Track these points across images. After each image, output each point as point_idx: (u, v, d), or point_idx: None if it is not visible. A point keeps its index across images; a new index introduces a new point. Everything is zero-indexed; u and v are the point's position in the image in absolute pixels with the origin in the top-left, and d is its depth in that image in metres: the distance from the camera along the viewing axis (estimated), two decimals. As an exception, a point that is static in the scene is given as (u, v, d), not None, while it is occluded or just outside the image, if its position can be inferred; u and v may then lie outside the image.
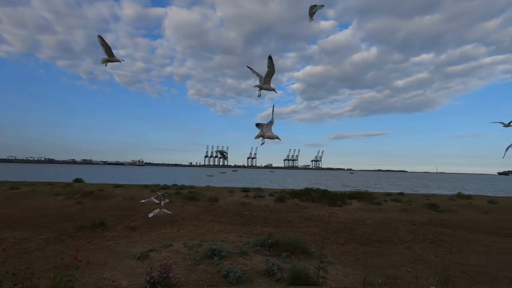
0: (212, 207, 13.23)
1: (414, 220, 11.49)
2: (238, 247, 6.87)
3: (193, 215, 11.53)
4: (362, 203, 14.67)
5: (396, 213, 12.84)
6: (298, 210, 13.16)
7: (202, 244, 7.11)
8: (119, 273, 5.13)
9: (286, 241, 6.73)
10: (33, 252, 6.69)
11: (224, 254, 6.10)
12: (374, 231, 9.65)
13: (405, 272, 5.80)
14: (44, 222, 9.79)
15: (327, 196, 15.26)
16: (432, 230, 9.95)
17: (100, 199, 14.35)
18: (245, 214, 12.13)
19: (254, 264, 5.72)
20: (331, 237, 8.77)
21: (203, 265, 5.62)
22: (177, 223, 10.21)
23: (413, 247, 8.00)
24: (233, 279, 4.70)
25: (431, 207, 13.92)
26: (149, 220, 10.09)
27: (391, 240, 8.69)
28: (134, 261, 5.89)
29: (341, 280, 5.14)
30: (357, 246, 8.00)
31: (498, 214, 12.99)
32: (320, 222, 10.84)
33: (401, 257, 6.96)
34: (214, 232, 9.16)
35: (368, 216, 12.08)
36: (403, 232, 9.71)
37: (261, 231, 9.36)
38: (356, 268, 5.89)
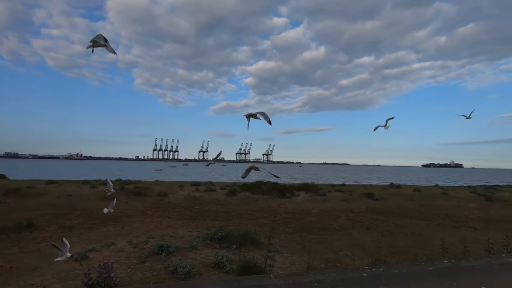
0: (160, 202, 12.71)
1: (353, 208, 12.58)
2: (188, 241, 6.74)
3: (139, 211, 10.94)
4: (309, 194, 15.53)
5: (339, 202, 13.89)
6: (249, 202, 13.39)
7: (148, 241, 6.80)
8: (52, 278, 4.64)
9: (236, 233, 6.81)
10: None
11: (173, 249, 5.93)
12: (318, 220, 10.31)
13: (344, 256, 6.33)
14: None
15: (277, 189, 15.79)
16: (368, 217, 11.01)
17: (28, 197, 12.71)
18: (196, 208, 11.92)
19: (203, 258, 5.67)
20: (280, 227, 9.12)
21: (149, 262, 5.39)
22: (121, 220, 9.59)
23: (352, 233, 8.75)
24: (181, 274, 4.60)
25: (368, 196, 15.37)
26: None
27: (333, 228, 9.38)
28: (70, 263, 5.37)
29: (288, 267, 5.40)
30: (303, 234, 8.46)
31: (421, 201, 14.94)
32: (270, 213, 11.19)
33: (341, 243, 7.57)
34: (162, 228, 8.83)
35: (314, 206, 12.85)
36: (343, 220, 10.55)
37: (212, 224, 9.30)
38: (302, 255, 6.24)
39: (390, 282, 3.38)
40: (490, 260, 4.56)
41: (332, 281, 3.31)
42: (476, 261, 4.53)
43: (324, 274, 3.52)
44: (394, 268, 4.02)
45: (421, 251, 6.84)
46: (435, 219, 10.97)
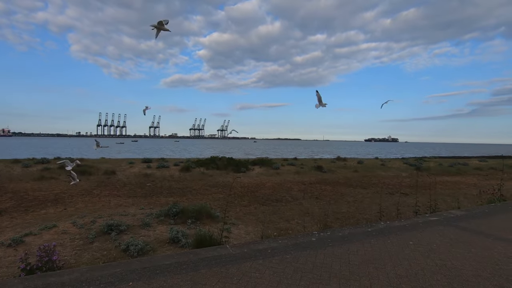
0: (108, 180, 11.94)
1: (304, 180, 13.34)
2: (140, 219, 6.51)
3: (84, 191, 10.17)
4: (263, 169, 15.98)
5: (291, 175, 14.59)
6: (204, 178, 13.31)
7: (96, 221, 6.40)
8: (-20, 267, 4.13)
9: (191, 208, 6.77)
10: None
11: (123, 228, 5.68)
12: (272, 193, 10.75)
13: (296, 224, 6.76)
14: None
15: (232, 164, 15.91)
16: (317, 188, 11.81)
17: None
18: (148, 185, 11.48)
19: (157, 235, 5.56)
20: (235, 200, 9.31)
21: (97, 242, 5.10)
22: (63, 201, 8.83)
23: (303, 203, 9.33)
24: (133, 252, 4.46)
25: (317, 169, 16.39)
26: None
27: (286, 199, 9.88)
28: (2, 250, 4.84)
29: (243, 237, 5.59)
30: (257, 206, 8.77)
31: (364, 172, 16.44)
32: (225, 188, 11.31)
33: (293, 213, 8.04)
34: (111, 207, 8.36)
35: (268, 179, 13.30)
36: (295, 191, 11.16)
37: (165, 201, 9.08)
38: (257, 226, 6.50)
39: (335, 243, 3.72)
40: (417, 219, 5.28)
41: (285, 246, 3.52)
42: (406, 221, 5.21)
43: (277, 241, 3.72)
44: (339, 232, 4.42)
45: (361, 216, 7.61)
46: (374, 188, 12.22)
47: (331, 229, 4.67)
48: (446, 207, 7.98)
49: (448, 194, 10.70)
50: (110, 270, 2.93)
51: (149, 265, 3.04)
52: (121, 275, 2.82)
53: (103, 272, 2.88)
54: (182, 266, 3.03)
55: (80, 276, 2.79)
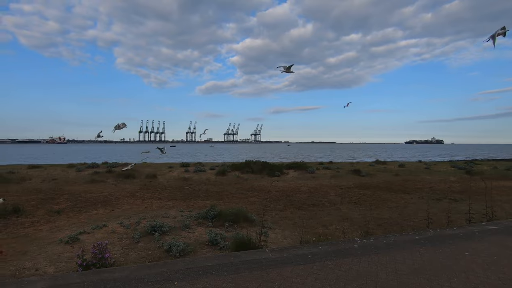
0: (150, 184, 12.62)
1: (342, 184, 12.90)
2: (180, 221, 6.77)
3: (129, 194, 10.84)
4: (298, 172, 15.78)
5: (327, 179, 14.20)
6: (239, 182, 13.48)
7: (140, 222, 6.78)
8: (44, 261, 4.59)
9: (229, 212, 6.88)
10: None
11: (166, 229, 5.94)
12: (308, 197, 10.54)
13: (335, 230, 6.54)
14: None
15: (267, 168, 15.94)
16: (356, 193, 11.34)
17: (11, 182, 12.33)
18: (186, 188, 11.92)
19: (197, 236, 5.73)
20: (271, 204, 9.28)
21: (142, 242, 5.40)
22: (111, 203, 9.49)
23: (341, 208, 9.01)
24: (176, 252, 4.64)
25: (355, 173, 15.77)
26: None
27: (322, 204, 9.62)
28: (61, 246, 5.32)
29: (281, 242, 5.54)
30: (294, 211, 8.66)
31: (406, 176, 15.47)
32: (261, 192, 11.34)
33: (331, 218, 7.80)
34: (153, 209, 8.81)
35: (303, 183, 13.09)
36: (332, 196, 10.83)
37: (203, 204, 9.35)
38: (294, 231, 6.41)
39: (380, 251, 3.52)
40: (472, 228, 4.81)
41: (325, 252, 3.41)
42: (459, 229, 4.78)
43: (317, 247, 3.62)
44: (383, 239, 4.18)
45: (406, 223, 7.14)
46: (418, 193, 11.42)
47: (374, 236, 4.44)
48: (505, 215, 7.19)
49: (507, 201, 9.64)
50: (157, 269, 3.07)
51: (192, 265, 3.14)
52: (167, 275, 2.94)
53: (150, 271, 3.03)
54: (224, 268, 3.07)
55: (129, 274, 2.96)
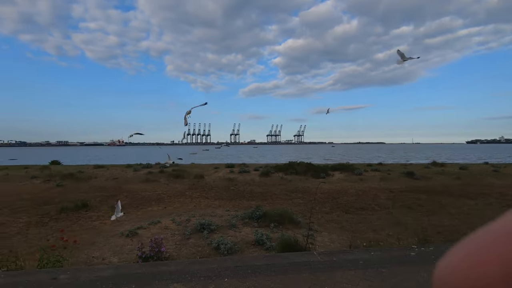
0: (198, 183, 13.22)
1: (393, 188, 12.07)
2: (227, 220, 6.97)
3: (179, 192, 11.50)
4: (345, 174, 15.17)
5: (376, 182, 13.41)
6: (283, 183, 13.43)
7: (190, 220, 7.15)
8: (108, 251, 5.10)
9: (274, 213, 6.89)
10: (14, 236, 6.48)
11: (214, 227, 6.18)
12: (356, 200, 10.07)
13: (386, 236, 6.15)
14: (22, 206, 9.42)
15: (311, 169, 15.63)
16: (409, 196, 10.52)
17: (80, 180, 13.93)
18: (232, 189, 12.24)
19: (243, 236, 5.84)
20: (316, 206, 9.07)
21: (193, 239, 5.68)
22: (164, 201, 10.17)
23: (393, 213, 8.44)
24: (224, 250, 4.80)
25: (408, 175, 14.63)
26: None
27: (372, 207, 9.11)
28: (123, 239, 5.86)
29: (328, 245, 5.38)
30: (340, 214, 8.35)
31: (468, 179, 13.89)
32: (305, 193, 11.15)
33: (382, 222, 7.35)
34: (201, 207, 9.21)
35: (350, 186, 12.55)
36: (383, 199, 10.19)
37: (248, 204, 9.51)
38: (341, 234, 6.18)
39: (442, 262, 3.20)
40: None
41: (379, 259, 3.22)
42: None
43: (368, 253, 3.44)
44: (444, 247, 3.80)
45: (470, 231, 6.40)
46: (484, 198, 10.17)
47: (433, 244, 4.07)
48: None
49: None
50: (208, 265, 3.21)
51: (240, 264, 3.21)
52: (217, 271, 3.05)
53: (201, 266, 3.17)
54: (272, 268, 3.09)
55: (183, 268, 3.14)
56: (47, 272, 3.11)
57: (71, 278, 2.99)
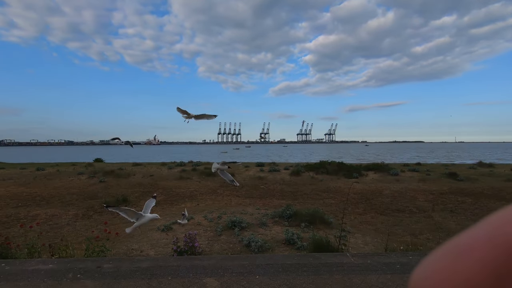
0: (228, 182, 13.47)
1: (433, 189, 11.33)
2: (257, 218, 7.02)
3: (211, 190, 11.80)
4: (379, 175, 14.54)
5: (414, 183, 12.67)
6: (314, 182, 13.20)
7: (221, 217, 7.31)
8: (146, 244, 5.39)
9: (305, 212, 6.81)
10: (64, 227, 7.10)
11: (244, 225, 6.26)
12: (392, 201, 9.61)
13: (426, 240, 5.80)
14: (71, 199, 10.29)
15: (343, 168, 15.19)
16: (452, 199, 9.80)
17: (121, 177, 14.86)
18: (262, 187, 12.29)
19: (274, 234, 5.85)
20: (349, 207, 8.80)
21: (224, 236, 5.80)
22: (196, 198, 10.50)
23: (433, 216, 7.93)
24: (254, 248, 4.84)
25: (450, 176, 13.63)
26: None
27: (409, 210, 8.64)
28: (159, 233, 6.15)
29: (362, 247, 5.20)
30: (375, 215, 8.02)
31: (522, 182, 12.59)
32: (337, 193, 10.87)
33: (421, 226, 6.93)
34: (232, 205, 9.37)
35: (385, 186, 11.99)
36: (421, 201, 9.61)
37: (278, 203, 9.50)
38: (376, 237, 5.93)
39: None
40: None
41: (418, 264, 3.04)
42: None
43: (407, 256, 3.27)
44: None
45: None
46: (542, 203, 9.15)
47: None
48: None
49: None
50: (239, 261, 3.26)
51: (272, 262, 3.22)
52: (249, 268, 3.09)
53: (233, 263, 3.23)
54: (303, 268, 3.06)
55: (216, 263, 3.22)
56: (93, 260, 3.37)
57: (113, 267, 3.21)
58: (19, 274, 3.09)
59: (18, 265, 3.31)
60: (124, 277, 2.98)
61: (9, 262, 3.44)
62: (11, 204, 9.65)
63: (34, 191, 11.73)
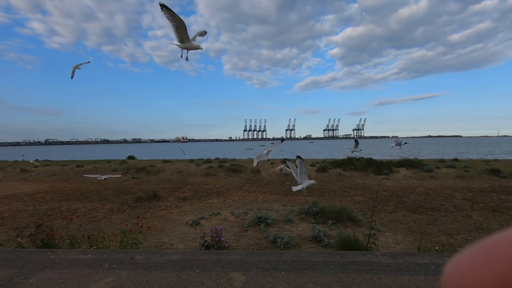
0: (254, 178, 13.55)
1: (472, 187, 10.58)
2: (283, 215, 7.00)
3: (237, 186, 11.95)
4: (411, 171, 13.86)
5: (451, 180, 11.93)
6: (341, 179, 12.89)
7: (248, 213, 7.38)
8: (176, 238, 5.59)
9: (331, 209, 6.68)
10: (101, 220, 7.57)
11: (270, 221, 6.27)
12: (425, 199, 9.12)
13: (463, 240, 5.44)
14: (107, 195, 10.94)
15: (372, 165, 14.66)
16: (494, 198, 9.09)
17: (151, 173, 15.52)
18: (288, 184, 12.22)
19: (300, 231, 5.80)
20: (379, 205, 8.49)
21: (250, 231, 5.85)
22: (223, 194, 10.69)
23: (472, 215, 7.41)
24: (280, 244, 4.84)
25: (492, 173, 12.65)
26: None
27: (445, 208, 8.15)
28: (187, 227, 6.35)
29: (392, 247, 5.00)
30: (407, 214, 7.66)
31: None
32: (365, 190, 10.53)
33: (458, 225, 6.52)
34: (258, 201, 9.42)
35: (418, 183, 11.41)
36: (459, 199, 9.02)
37: (304, 200, 9.39)
38: (408, 236, 5.68)
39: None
40: None
41: (454, 266, 2.86)
42: None
43: (442, 258, 3.09)
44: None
45: None
46: None
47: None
48: None
49: None
50: (265, 257, 3.27)
51: (298, 259, 3.20)
52: (275, 264, 3.09)
53: (259, 258, 3.26)
54: (330, 266, 3.00)
55: (242, 258, 3.27)
56: (126, 252, 3.56)
57: (145, 259, 3.37)
58: (62, 262, 3.34)
59: (61, 254, 3.58)
60: (155, 269, 3.12)
61: (53, 251, 3.74)
62: (55, 198, 10.46)
63: (75, 186, 12.62)
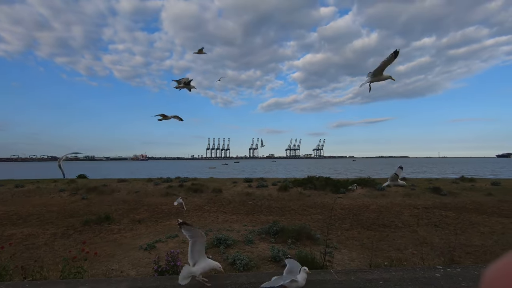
0: (216, 198, 13.29)
1: (417, 204, 11.52)
2: (244, 235, 6.92)
3: (197, 207, 11.60)
4: (366, 190, 14.70)
5: (400, 198, 12.87)
6: (302, 198, 13.20)
7: (207, 234, 7.15)
8: (127, 264, 5.19)
9: (291, 228, 6.77)
10: (41, 247, 6.77)
11: (230, 242, 6.14)
12: (378, 216, 9.69)
13: (411, 255, 5.83)
14: (50, 218, 9.87)
15: (330, 184, 15.29)
16: (436, 214, 9.98)
17: (104, 194, 14.43)
18: (249, 203, 12.18)
19: (260, 252, 5.76)
20: (336, 223, 8.81)
21: (210, 253, 5.65)
22: (182, 215, 10.27)
23: (417, 231, 8.02)
24: (239, 266, 4.74)
25: (434, 191, 13.94)
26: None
27: (395, 225, 8.72)
28: (141, 252, 5.95)
29: (347, 263, 5.17)
30: (361, 231, 8.04)
31: (502, 196, 13.00)
32: (324, 209, 10.89)
33: (406, 241, 6.99)
34: (219, 222, 9.22)
35: (371, 201, 12.12)
36: (406, 216, 9.73)
37: (265, 219, 9.41)
38: (362, 252, 5.93)
39: (471, 284, 2.99)
40: None
41: (400, 280, 3.06)
42: None
43: (390, 272, 3.28)
44: (473, 269, 3.55)
45: (504, 252, 5.94)
46: (521, 217, 9.43)
47: (461, 265, 3.80)
48: None
49: None
50: (221, 281, 3.18)
51: (254, 280, 3.16)
52: (231, 287, 3.01)
53: (215, 282, 3.15)
54: (286, 286, 3.01)
55: (197, 283, 3.13)
56: (68, 282, 3.21)
57: (90, 289, 3.07)
58: (-14, 299, 2.90)
59: (-14, 289, 3.11)
60: (101, 300, 2.85)
61: (-24, 286, 3.23)
62: (-16, 223, 9.16)
63: (11, 209, 11.20)
